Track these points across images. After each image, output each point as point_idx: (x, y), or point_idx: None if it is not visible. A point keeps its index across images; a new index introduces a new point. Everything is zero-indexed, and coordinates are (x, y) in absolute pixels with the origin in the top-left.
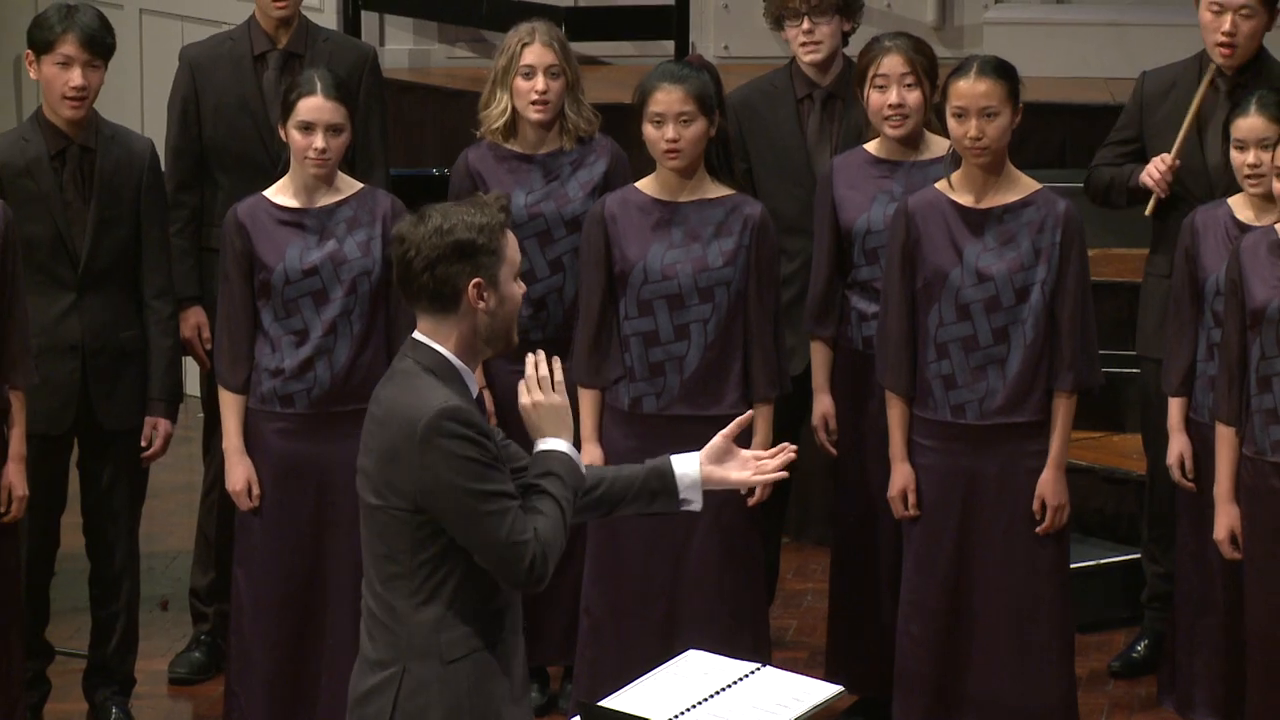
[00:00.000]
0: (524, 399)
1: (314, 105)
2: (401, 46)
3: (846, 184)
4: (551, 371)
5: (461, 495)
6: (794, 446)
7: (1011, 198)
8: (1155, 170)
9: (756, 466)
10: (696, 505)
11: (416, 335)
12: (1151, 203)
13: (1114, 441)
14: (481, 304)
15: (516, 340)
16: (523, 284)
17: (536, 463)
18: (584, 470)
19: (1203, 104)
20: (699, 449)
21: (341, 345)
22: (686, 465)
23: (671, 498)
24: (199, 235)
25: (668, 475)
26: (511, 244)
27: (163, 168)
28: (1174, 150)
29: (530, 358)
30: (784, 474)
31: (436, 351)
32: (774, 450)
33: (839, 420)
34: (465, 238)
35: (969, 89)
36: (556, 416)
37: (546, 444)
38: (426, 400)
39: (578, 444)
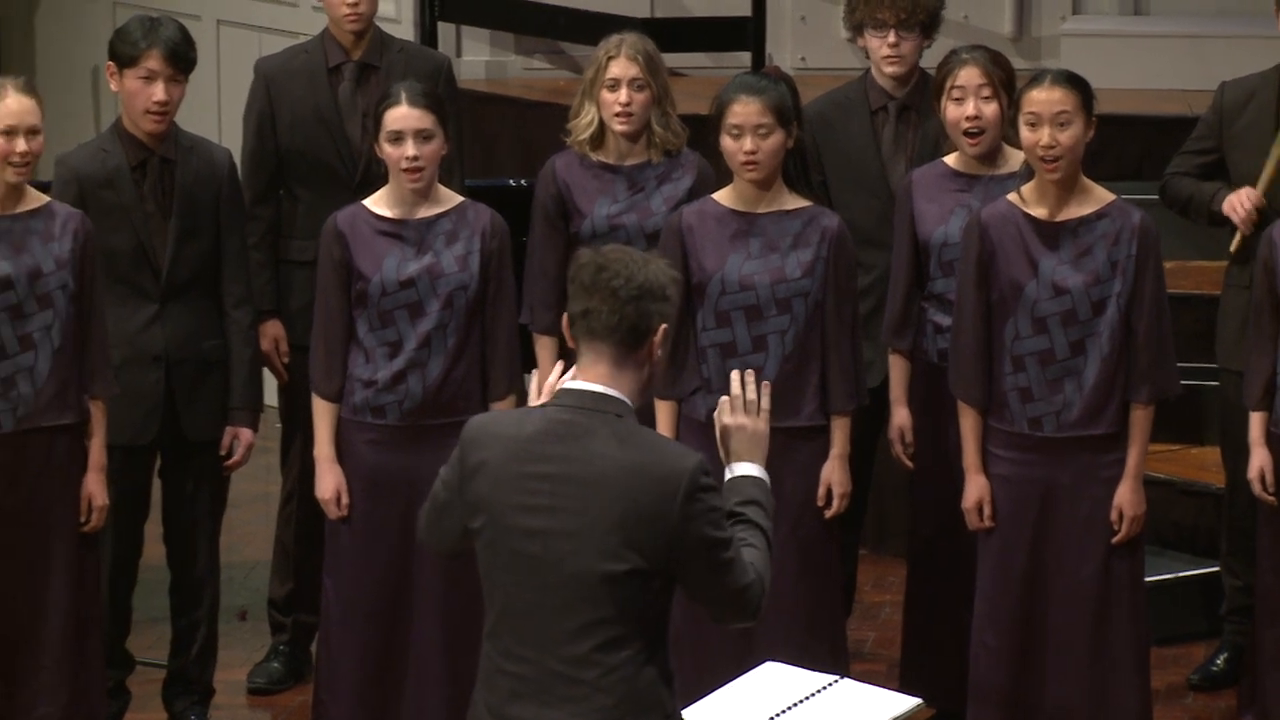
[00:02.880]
0: (727, 419)
1: (400, 114)
2: (478, 58)
3: (925, 197)
4: (760, 396)
5: (713, 547)
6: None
7: (1086, 210)
8: (1240, 206)
9: None
10: None
11: (592, 386)
12: (1236, 240)
13: (1192, 454)
14: (659, 352)
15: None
16: None
17: (734, 489)
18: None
19: None
20: (776, 460)
21: (435, 359)
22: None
23: None
24: (276, 247)
25: None
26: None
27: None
28: (1260, 187)
29: (736, 376)
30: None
31: (618, 399)
32: None
33: (915, 433)
34: (665, 282)
35: (1042, 97)
36: (755, 442)
37: (743, 469)
38: (673, 455)
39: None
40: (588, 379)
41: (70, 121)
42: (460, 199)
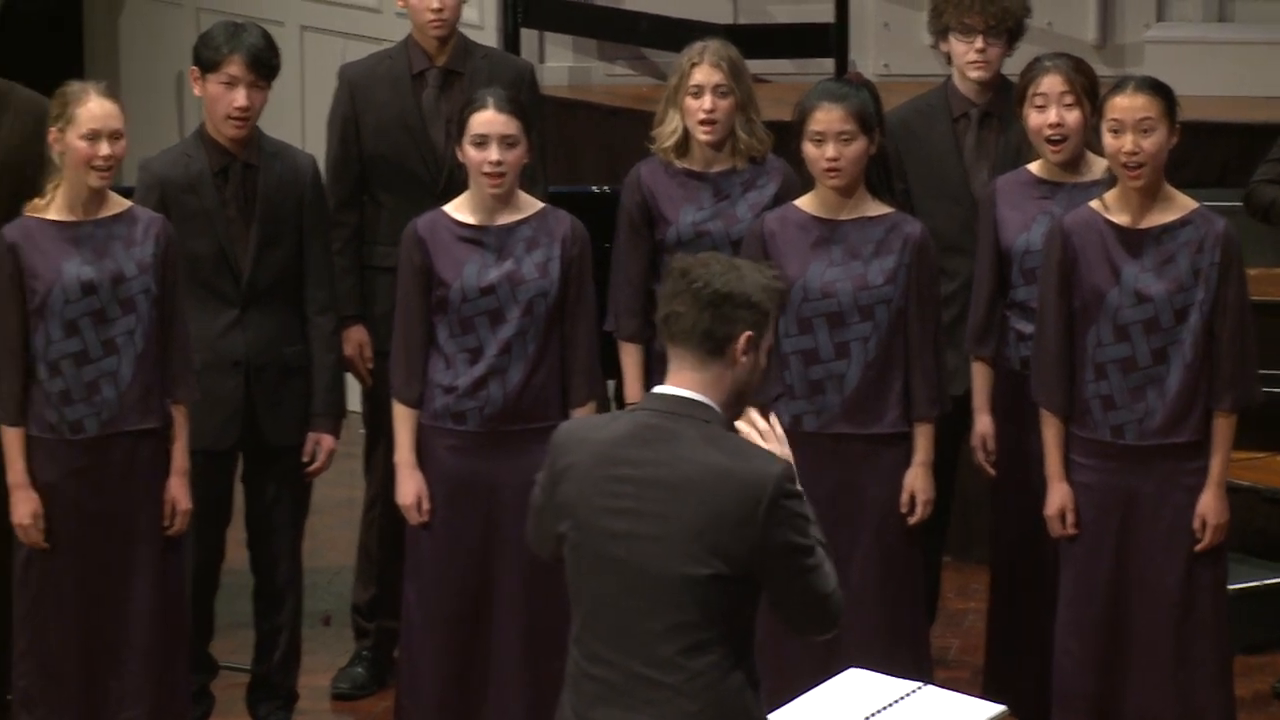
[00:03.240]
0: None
1: (487, 119)
2: (561, 64)
3: (1008, 204)
4: (772, 425)
5: (797, 553)
6: None
7: (1169, 217)
8: None
9: None
10: None
11: (680, 391)
12: None
13: (1276, 461)
14: (744, 359)
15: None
16: None
17: None
18: None
19: None
20: (858, 467)
21: (515, 365)
22: None
23: None
24: (360, 253)
25: None
26: (776, 322)
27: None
28: None
29: (749, 415)
30: None
31: (707, 405)
32: None
33: (998, 440)
34: (751, 291)
35: (1125, 104)
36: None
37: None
38: (754, 458)
39: None
40: (675, 384)
41: (153, 127)
42: (541, 205)
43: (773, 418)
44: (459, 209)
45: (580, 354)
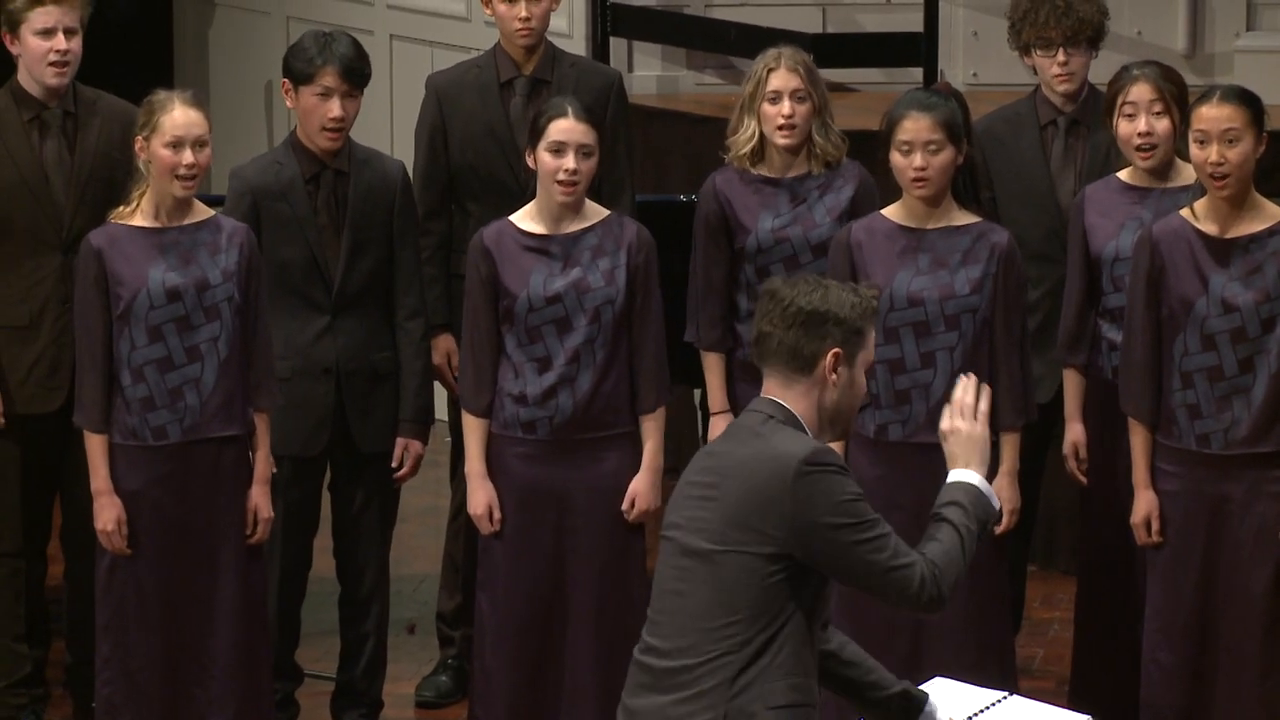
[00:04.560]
0: (945, 424)
1: (566, 126)
2: (650, 73)
3: (1097, 211)
4: (978, 399)
5: (841, 529)
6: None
7: (1257, 227)
8: None
9: None
10: None
11: (771, 398)
12: None
13: None
14: (834, 376)
15: (851, 432)
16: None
17: (944, 492)
18: (995, 504)
19: None
20: (944, 477)
21: (584, 374)
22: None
23: None
24: (448, 262)
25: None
26: (873, 336)
27: None
28: None
29: (962, 380)
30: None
31: (787, 409)
32: None
33: (1089, 448)
34: (836, 308)
35: (1211, 114)
36: (974, 446)
37: (956, 474)
38: (793, 444)
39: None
40: (767, 391)
41: (243, 136)
42: (606, 213)
43: (985, 393)
44: (525, 218)
45: (648, 360)
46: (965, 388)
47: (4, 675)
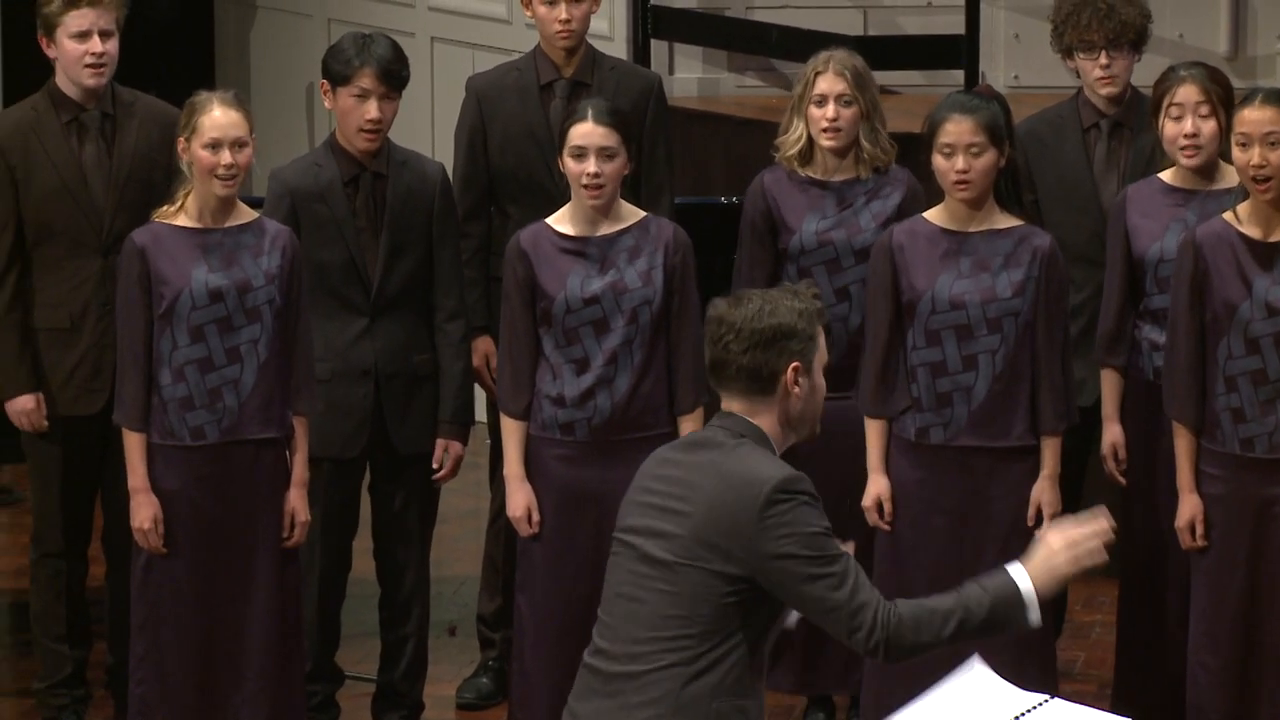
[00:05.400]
0: (1055, 534)
1: (585, 131)
2: (690, 75)
3: (1140, 212)
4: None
5: (801, 560)
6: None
7: None
8: None
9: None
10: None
11: (735, 413)
12: None
13: None
14: (796, 389)
15: (818, 431)
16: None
17: (991, 573)
18: (1032, 618)
19: None
20: (985, 480)
21: (622, 375)
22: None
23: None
24: (487, 264)
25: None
26: (822, 335)
27: None
28: None
29: (1101, 519)
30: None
31: (756, 426)
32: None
33: (1128, 450)
34: (788, 321)
35: (1253, 116)
36: (1054, 569)
37: (1016, 571)
38: (764, 467)
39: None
40: (735, 411)
41: (284, 138)
42: (642, 214)
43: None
44: (561, 221)
45: (686, 361)
46: (1095, 526)
47: (46, 676)
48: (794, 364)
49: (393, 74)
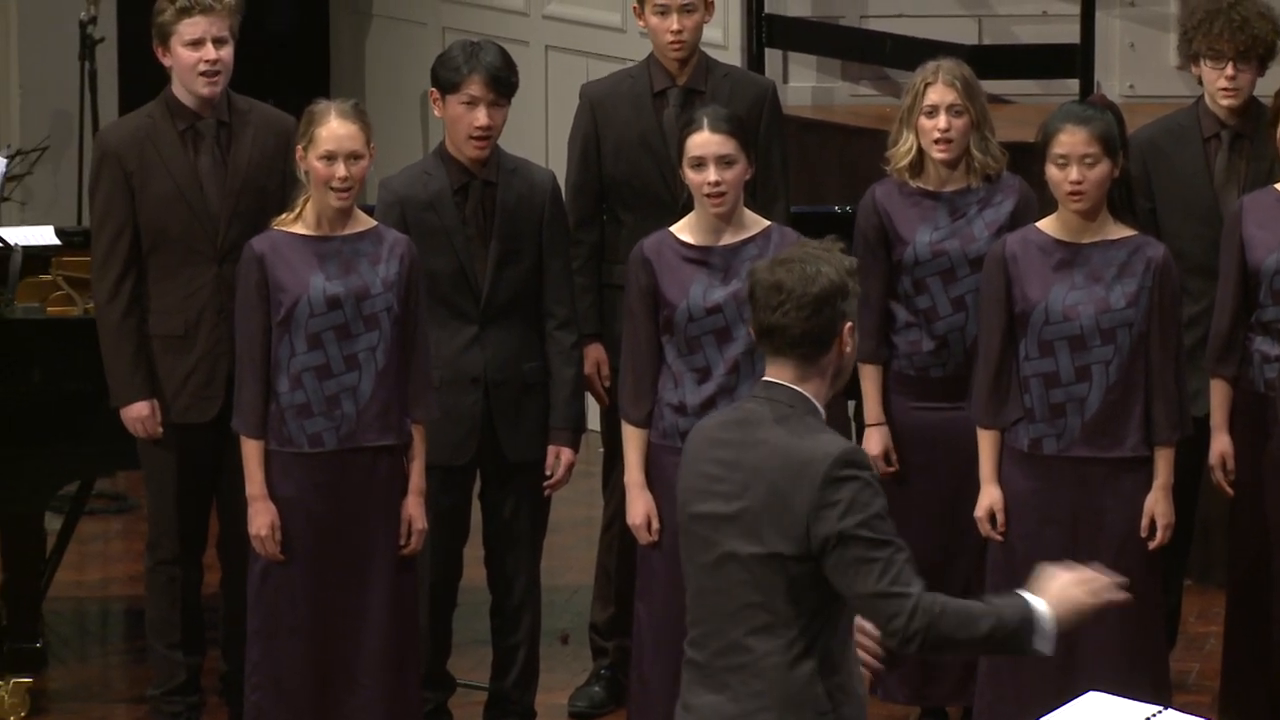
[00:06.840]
0: (1081, 587)
1: (702, 140)
2: (804, 84)
3: (1256, 223)
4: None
5: (852, 541)
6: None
7: None
8: None
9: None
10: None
11: (774, 380)
12: None
13: None
14: (848, 346)
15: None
16: None
17: (1012, 595)
18: (1044, 648)
19: None
20: (1098, 491)
21: (744, 383)
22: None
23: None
24: (599, 272)
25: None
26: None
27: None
28: None
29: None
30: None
31: (804, 396)
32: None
33: (1237, 461)
34: (837, 280)
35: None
36: (1074, 608)
37: (1037, 601)
38: (823, 444)
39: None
40: (773, 374)
41: (399, 146)
42: (766, 224)
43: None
44: (684, 230)
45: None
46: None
47: (160, 683)
48: (849, 323)
49: (501, 80)
